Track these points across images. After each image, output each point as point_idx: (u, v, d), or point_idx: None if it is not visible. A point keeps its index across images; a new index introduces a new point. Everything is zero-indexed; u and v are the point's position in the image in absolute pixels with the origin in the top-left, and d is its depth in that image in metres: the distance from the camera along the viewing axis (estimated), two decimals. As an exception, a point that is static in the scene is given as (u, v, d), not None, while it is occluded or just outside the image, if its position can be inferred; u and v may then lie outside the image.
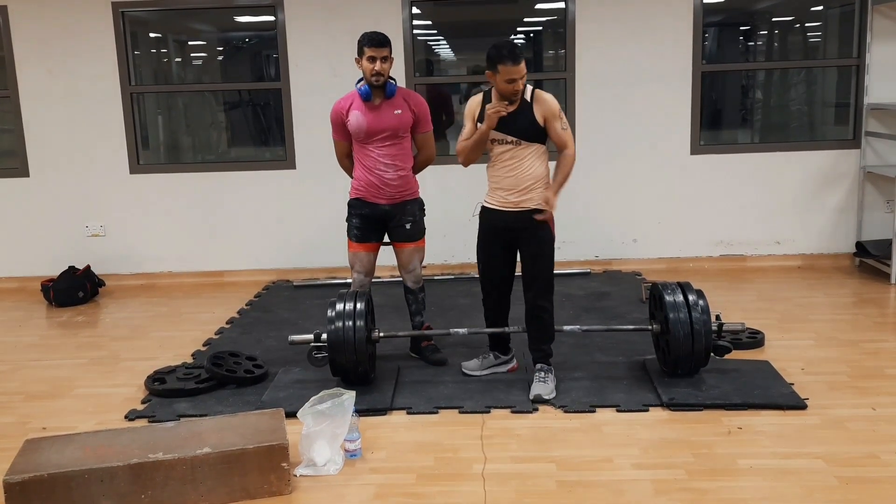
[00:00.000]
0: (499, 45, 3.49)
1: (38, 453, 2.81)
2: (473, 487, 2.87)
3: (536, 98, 3.59)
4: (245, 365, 3.98)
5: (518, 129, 3.55)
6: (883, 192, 5.76)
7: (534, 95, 3.59)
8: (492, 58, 3.48)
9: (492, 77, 3.52)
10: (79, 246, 5.93)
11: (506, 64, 3.43)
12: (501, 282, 3.79)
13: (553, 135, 3.61)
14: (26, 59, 5.77)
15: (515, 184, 3.60)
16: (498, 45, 3.49)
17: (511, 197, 3.62)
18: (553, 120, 3.58)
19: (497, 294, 3.82)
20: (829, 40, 6.49)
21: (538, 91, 3.63)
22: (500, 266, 3.75)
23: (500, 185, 3.65)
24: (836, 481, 2.81)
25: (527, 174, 3.59)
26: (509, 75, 3.45)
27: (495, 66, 3.46)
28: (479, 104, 3.67)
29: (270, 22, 5.81)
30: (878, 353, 4.10)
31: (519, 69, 3.45)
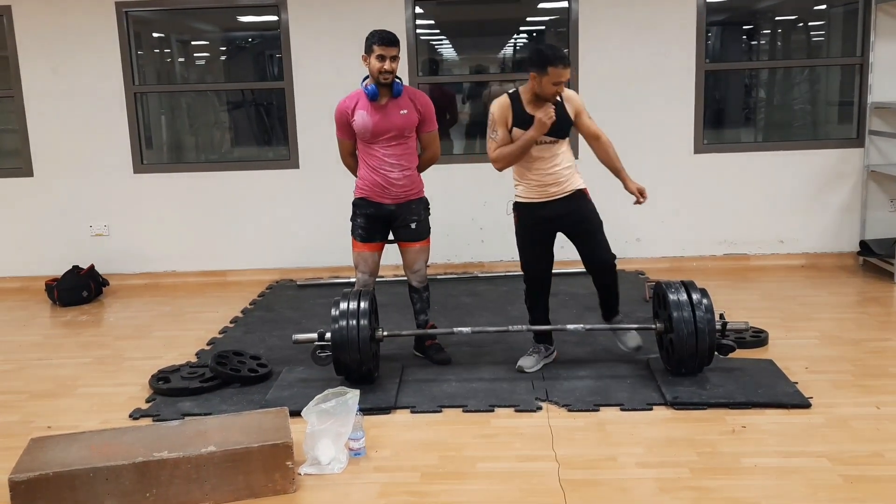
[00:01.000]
0: (551, 47, 3.54)
1: (43, 452, 2.82)
2: (477, 486, 2.87)
3: (566, 97, 3.68)
4: (249, 364, 3.99)
5: (557, 129, 3.63)
6: (887, 191, 5.75)
7: (562, 96, 3.66)
8: (543, 59, 3.49)
9: (536, 78, 3.53)
10: (83, 245, 5.94)
11: (557, 67, 3.47)
12: (548, 272, 3.88)
13: (583, 128, 3.74)
14: (30, 59, 5.78)
15: (555, 179, 3.73)
16: (550, 47, 3.54)
17: (552, 189, 3.73)
18: (581, 114, 3.72)
19: (544, 285, 3.89)
20: (833, 39, 6.48)
21: (564, 91, 3.68)
22: (547, 255, 3.86)
23: (541, 181, 3.74)
24: (840, 480, 2.81)
25: (563, 167, 3.73)
26: (558, 78, 3.50)
27: (544, 67, 3.48)
28: (508, 107, 3.66)
29: (274, 21, 5.82)
30: (882, 351, 4.10)
31: (567, 73, 3.52)
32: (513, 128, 3.65)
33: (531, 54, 3.56)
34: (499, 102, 3.69)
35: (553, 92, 3.55)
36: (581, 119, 3.73)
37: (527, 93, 3.64)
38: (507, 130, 3.66)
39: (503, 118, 3.66)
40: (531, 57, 3.57)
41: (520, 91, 3.68)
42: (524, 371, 3.88)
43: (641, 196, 3.79)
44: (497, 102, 3.69)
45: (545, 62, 3.48)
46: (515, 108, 3.65)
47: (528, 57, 3.57)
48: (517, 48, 7.79)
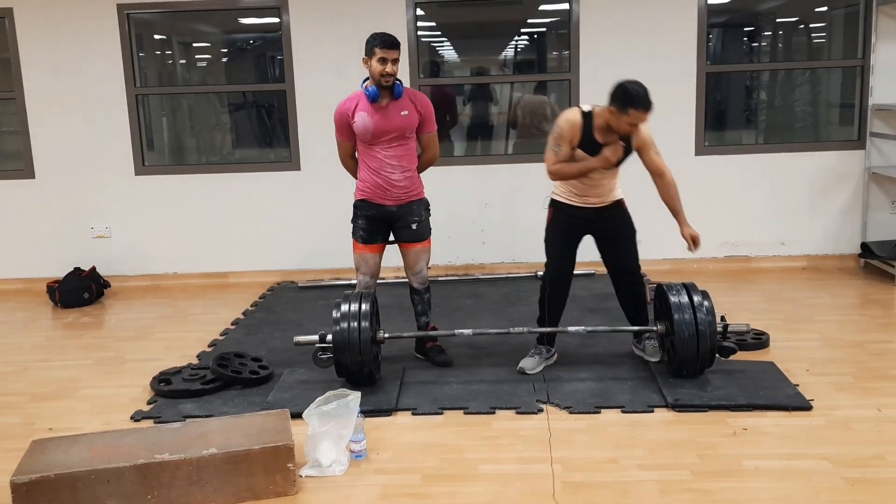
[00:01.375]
0: (639, 89, 3.47)
1: (44, 454, 2.82)
2: (479, 488, 2.88)
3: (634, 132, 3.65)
4: (250, 366, 3.99)
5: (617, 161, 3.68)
6: (888, 193, 5.75)
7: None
8: (627, 99, 3.46)
9: (615, 114, 3.51)
10: (84, 247, 5.95)
11: (639, 110, 3.48)
12: (570, 271, 3.94)
13: (648, 163, 3.74)
14: (32, 61, 5.79)
15: (600, 193, 3.81)
16: (638, 88, 3.47)
17: (592, 199, 3.83)
18: (648, 149, 3.71)
19: (564, 284, 3.95)
20: (834, 41, 6.48)
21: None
22: (572, 255, 3.93)
23: (584, 192, 3.80)
24: (841, 482, 2.81)
25: (610, 185, 3.80)
26: (637, 120, 3.52)
27: (626, 107, 3.47)
28: (578, 128, 3.64)
29: (275, 23, 5.82)
30: (883, 353, 4.10)
31: (647, 116, 3.51)
32: (577, 148, 3.67)
33: (617, 90, 3.50)
34: (570, 121, 3.65)
35: (627, 131, 3.57)
36: (646, 153, 3.71)
37: (600, 118, 3.61)
38: (570, 149, 3.67)
39: (571, 136, 3.65)
40: (616, 92, 3.51)
41: (594, 113, 3.63)
42: (525, 372, 3.88)
43: (694, 244, 3.78)
44: (569, 120, 3.65)
45: (628, 103, 3.46)
46: (585, 130, 3.64)
47: (613, 91, 3.50)
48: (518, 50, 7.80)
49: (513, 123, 6.75)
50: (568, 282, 3.96)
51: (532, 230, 5.86)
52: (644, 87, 3.51)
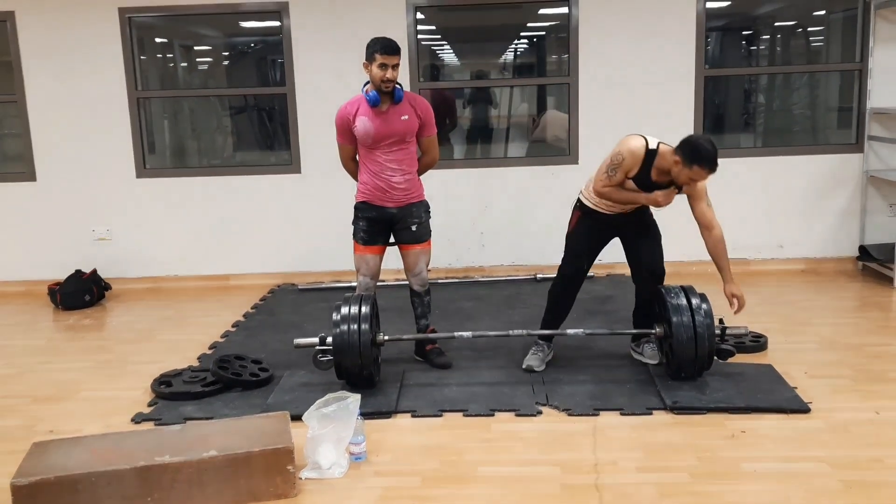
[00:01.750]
0: (709, 150, 3.48)
1: (45, 456, 2.83)
2: (478, 490, 2.89)
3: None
4: (251, 368, 4.00)
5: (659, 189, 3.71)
6: (886, 197, 5.77)
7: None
8: (695, 156, 3.47)
9: (679, 164, 3.52)
10: (85, 249, 5.96)
11: (704, 168, 3.49)
12: (585, 272, 4.01)
13: (698, 214, 3.74)
14: (33, 64, 5.80)
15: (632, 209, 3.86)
16: (708, 149, 3.47)
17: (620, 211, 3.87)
18: (699, 199, 3.71)
19: (576, 283, 4.00)
20: (832, 45, 6.50)
21: None
22: (592, 256, 3.98)
23: (617, 209, 3.84)
24: (840, 485, 2.82)
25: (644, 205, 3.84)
26: (699, 177, 3.55)
27: (692, 163, 3.48)
28: (639, 163, 3.64)
29: (276, 27, 5.84)
30: (881, 356, 4.11)
31: (709, 176, 3.54)
32: (632, 178, 3.71)
33: (688, 143, 3.51)
34: (634, 153, 3.64)
35: (686, 183, 3.60)
36: (697, 203, 3.71)
37: (662, 160, 3.61)
38: (624, 176, 3.70)
39: (630, 168, 3.67)
40: (685, 146, 3.51)
41: (658, 152, 3.62)
42: (533, 370, 3.91)
43: (737, 302, 3.77)
44: (633, 152, 3.63)
45: (695, 160, 3.47)
46: (645, 165, 3.65)
47: (684, 143, 3.52)
48: (517, 53, 7.83)
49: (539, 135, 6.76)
50: (579, 282, 4.02)
51: (532, 233, 5.91)
52: (715, 146, 3.51)
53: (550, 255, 5.77)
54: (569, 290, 4.02)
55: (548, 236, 5.80)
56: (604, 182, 3.75)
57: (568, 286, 4.02)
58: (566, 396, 3.63)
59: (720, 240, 3.76)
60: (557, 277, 4.05)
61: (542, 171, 5.88)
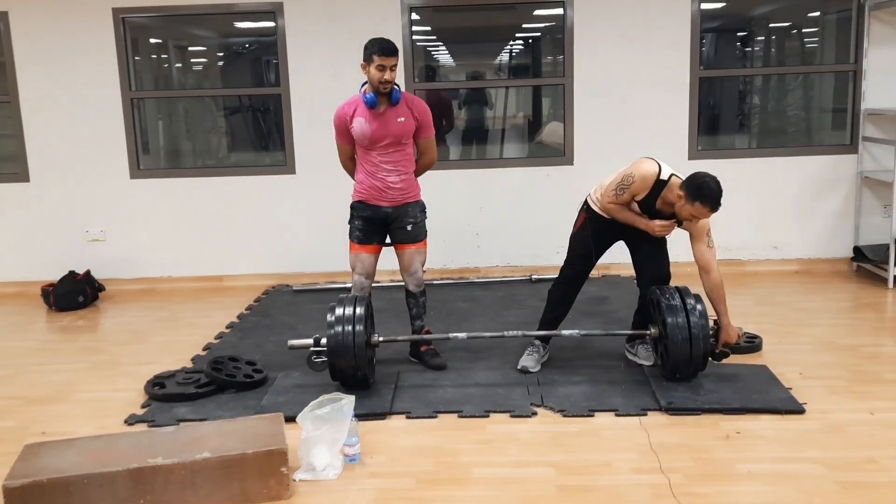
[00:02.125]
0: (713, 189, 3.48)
1: (37, 458, 2.82)
2: (473, 492, 2.88)
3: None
4: (245, 369, 3.99)
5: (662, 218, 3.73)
6: (880, 197, 5.78)
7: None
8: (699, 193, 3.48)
9: (682, 198, 3.55)
10: (79, 251, 5.94)
11: (706, 206, 3.50)
12: (586, 274, 4.01)
13: (696, 253, 3.73)
14: (27, 64, 5.78)
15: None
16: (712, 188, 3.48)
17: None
18: (699, 238, 3.71)
19: (576, 284, 4.01)
20: (827, 46, 6.52)
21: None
22: (595, 258, 3.97)
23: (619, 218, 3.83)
24: (835, 486, 2.82)
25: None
26: (700, 215, 3.55)
27: (695, 200, 3.50)
28: (647, 189, 3.66)
29: (270, 27, 5.83)
30: (876, 357, 4.12)
31: (711, 215, 3.56)
32: (637, 202, 3.73)
33: (693, 181, 3.52)
34: (646, 179, 3.65)
35: (687, 219, 3.61)
36: (697, 243, 3.70)
37: (669, 192, 3.63)
38: (632, 199, 3.73)
39: (638, 192, 3.70)
40: (690, 183, 3.53)
41: (668, 184, 3.63)
42: (528, 371, 3.91)
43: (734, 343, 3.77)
44: (644, 178, 3.65)
45: (698, 197, 3.49)
46: (652, 193, 3.67)
47: (690, 179, 3.54)
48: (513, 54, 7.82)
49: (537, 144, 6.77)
50: (580, 285, 4.02)
51: (527, 234, 5.91)
52: (720, 186, 3.51)
53: (546, 256, 5.80)
54: (569, 292, 4.03)
55: (543, 237, 5.80)
56: (610, 199, 3.78)
57: (568, 287, 4.02)
58: (561, 397, 3.63)
59: (718, 285, 3.74)
60: (558, 278, 4.05)
61: (538, 172, 5.88)
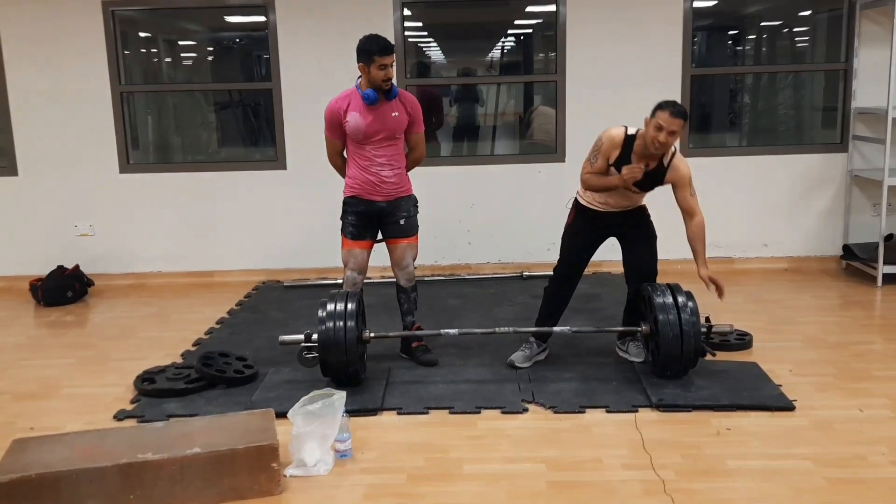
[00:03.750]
0: (670, 101, 3.57)
1: (25, 453, 2.80)
2: (464, 488, 2.88)
3: (672, 166, 3.71)
4: (235, 365, 3.97)
5: (645, 185, 3.72)
6: (869, 196, 5.81)
7: (671, 162, 3.70)
8: (658, 106, 3.56)
9: (647, 122, 3.59)
10: (68, 245, 5.90)
11: (665, 111, 3.53)
12: (579, 270, 3.98)
13: (681, 200, 3.76)
14: (15, 58, 5.74)
15: (626, 206, 3.86)
16: (670, 101, 3.57)
17: (617, 209, 3.87)
18: (682, 188, 3.73)
19: (570, 283, 3.98)
20: (817, 45, 6.54)
21: (676, 158, 3.72)
22: (586, 255, 3.97)
23: (608, 203, 3.83)
24: (824, 482, 2.84)
25: (635, 202, 3.87)
26: (665, 123, 3.53)
27: (655, 111, 3.55)
28: (617, 146, 3.69)
29: (261, 22, 5.80)
30: (864, 354, 4.14)
31: (674, 122, 3.53)
32: (613, 165, 3.72)
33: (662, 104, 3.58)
34: (611, 137, 3.70)
35: (657, 140, 3.56)
36: (680, 191, 3.74)
37: (640, 140, 3.66)
38: (606, 163, 3.72)
39: (609, 152, 3.71)
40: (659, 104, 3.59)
41: (637, 135, 3.67)
42: (515, 366, 3.91)
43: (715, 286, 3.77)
44: (610, 136, 3.70)
45: (657, 108, 3.57)
46: (624, 150, 3.68)
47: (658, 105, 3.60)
48: (504, 51, 7.82)
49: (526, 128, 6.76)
50: (576, 280, 4.01)
51: (518, 230, 5.91)
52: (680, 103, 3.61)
53: (537, 253, 5.80)
54: (563, 290, 4.01)
55: (534, 234, 5.80)
56: (587, 170, 3.79)
57: (561, 286, 4.00)
58: (552, 394, 3.63)
59: (701, 226, 3.78)
60: (552, 275, 4.04)
61: (529, 168, 5.88)
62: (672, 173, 3.71)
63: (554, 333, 3.99)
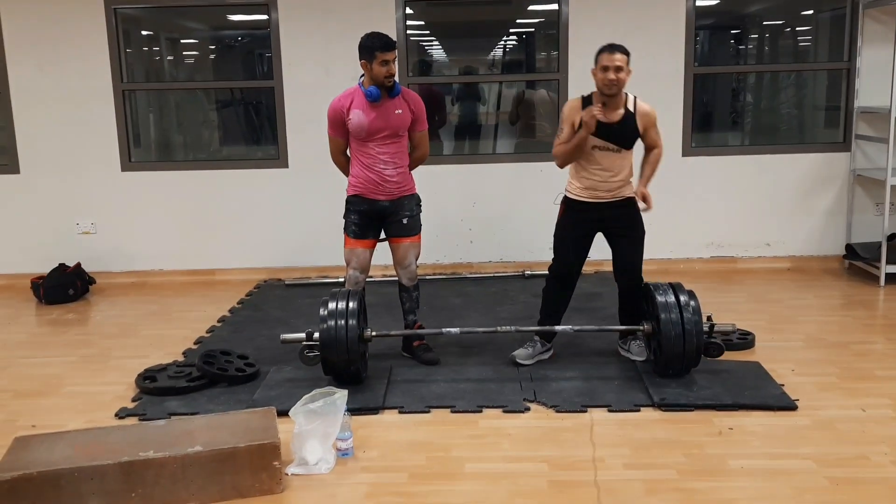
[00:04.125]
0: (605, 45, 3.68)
1: (27, 451, 2.80)
2: (465, 487, 2.87)
3: (639, 110, 3.76)
4: (236, 363, 3.97)
5: (622, 138, 3.74)
6: (872, 195, 5.80)
7: (636, 107, 3.75)
8: (599, 49, 3.65)
9: (594, 72, 3.69)
10: (69, 243, 5.90)
11: (603, 52, 3.62)
12: (577, 267, 3.96)
13: (648, 140, 3.84)
14: (18, 56, 5.74)
15: (608, 186, 3.81)
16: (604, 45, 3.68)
17: (602, 193, 3.82)
18: (651, 128, 3.80)
19: (567, 283, 3.98)
20: (820, 44, 6.53)
21: (640, 102, 3.78)
22: (581, 253, 3.94)
23: (596, 187, 3.82)
24: (826, 482, 2.83)
25: (620, 176, 3.82)
26: (605, 61, 3.61)
27: (597, 57, 3.64)
28: (577, 109, 3.76)
29: (263, 20, 5.80)
30: (867, 354, 4.13)
31: (615, 57, 3.60)
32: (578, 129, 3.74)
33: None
34: (570, 103, 3.83)
35: (605, 79, 3.62)
36: (649, 133, 3.83)
37: (595, 94, 3.74)
38: (572, 130, 3.76)
39: (570, 117, 3.77)
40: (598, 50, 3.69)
41: (593, 95, 3.76)
42: (517, 362, 3.92)
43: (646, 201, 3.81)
44: (569, 103, 3.84)
45: (598, 52, 3.65)
46: (584, 108, 3.71)
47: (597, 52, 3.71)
48: (507, 50, 7.81)
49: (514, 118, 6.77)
50: (573, 279, 4.00)
51: (520, 229, 5.90)
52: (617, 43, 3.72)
53: (538, 252, 5.79)
54: (561, 289, 4.00)
55: (536, 233, 5.78)
56: (556, 143, 3.83)
57: (559, 285, 3.99)
58: (554, 393, 3.62)
59: (658, 155, 3.90)
60: (548, 276, 4.03)
61: (531, 167, 5.87)
62: (642, 117, 3.77)
63: (556, 332, 3.99)
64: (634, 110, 3.76)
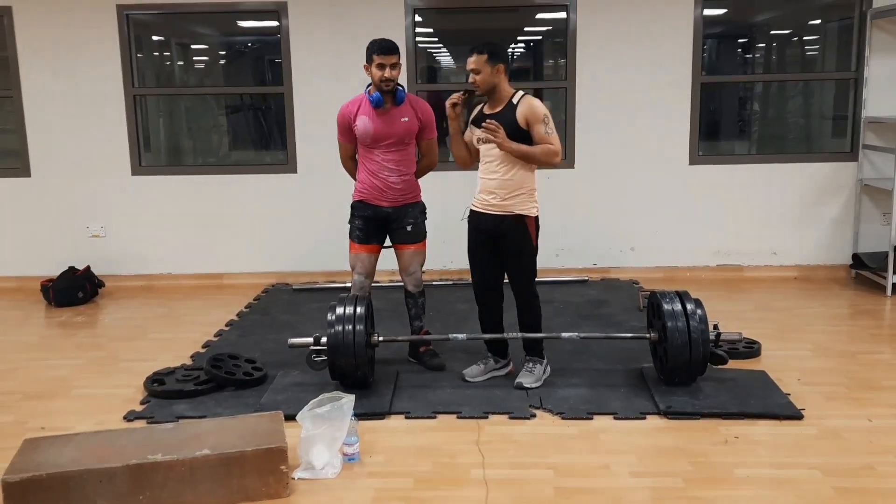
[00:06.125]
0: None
1: (36, 453, 2.82)
2: (471, 493, 2.88)
3: (522, 102, 3.66)
4: (244, 367, 3.99)
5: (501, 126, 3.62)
6: (879, 205, 5.79)
7: (521, 100, 3.67)
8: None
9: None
10: (79, 246, 5.94)
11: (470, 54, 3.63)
12: (490, 284, 3.84)
13: (536, 136, 3.63)
14: (30, 60, 5.79)
15: (497, 186, 3.69)
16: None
17: (493, 200, 3.71)
18: (535, 123, 3.62)
19: (487, 298, 3.88)
20: (828, 53, 6.53)
21: (527, 97, 3.69)
22: (487, 269, 3.82)
23: (484, 186, 3.74)
24: (832, 492, 2.83)
25: (508, 178, 3.67)
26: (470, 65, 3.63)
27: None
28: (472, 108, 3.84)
29: (274, 27, 5.84)
30: (874, 364, 4.13)
31: (470, 60, 3.62)
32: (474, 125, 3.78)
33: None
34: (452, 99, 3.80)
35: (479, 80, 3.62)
36: (534, 128, 3.60)
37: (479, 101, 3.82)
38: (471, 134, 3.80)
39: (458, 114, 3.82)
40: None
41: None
42: (465, 380, 3.87)
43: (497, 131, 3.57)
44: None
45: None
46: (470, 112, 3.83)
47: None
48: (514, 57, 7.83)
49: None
50: (493, 296, 3.86)
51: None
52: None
53: (544, 259, 5.77)
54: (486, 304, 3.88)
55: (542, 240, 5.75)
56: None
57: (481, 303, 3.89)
58: (560, 400, 3.63)
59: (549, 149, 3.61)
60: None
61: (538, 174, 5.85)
62: (522, 108, 3.60)
63: (562, 339, 3.99)
64: (517, 103, 3.64)
